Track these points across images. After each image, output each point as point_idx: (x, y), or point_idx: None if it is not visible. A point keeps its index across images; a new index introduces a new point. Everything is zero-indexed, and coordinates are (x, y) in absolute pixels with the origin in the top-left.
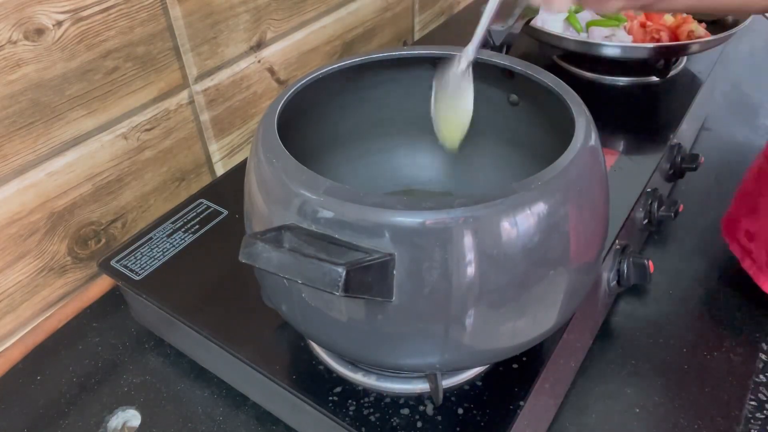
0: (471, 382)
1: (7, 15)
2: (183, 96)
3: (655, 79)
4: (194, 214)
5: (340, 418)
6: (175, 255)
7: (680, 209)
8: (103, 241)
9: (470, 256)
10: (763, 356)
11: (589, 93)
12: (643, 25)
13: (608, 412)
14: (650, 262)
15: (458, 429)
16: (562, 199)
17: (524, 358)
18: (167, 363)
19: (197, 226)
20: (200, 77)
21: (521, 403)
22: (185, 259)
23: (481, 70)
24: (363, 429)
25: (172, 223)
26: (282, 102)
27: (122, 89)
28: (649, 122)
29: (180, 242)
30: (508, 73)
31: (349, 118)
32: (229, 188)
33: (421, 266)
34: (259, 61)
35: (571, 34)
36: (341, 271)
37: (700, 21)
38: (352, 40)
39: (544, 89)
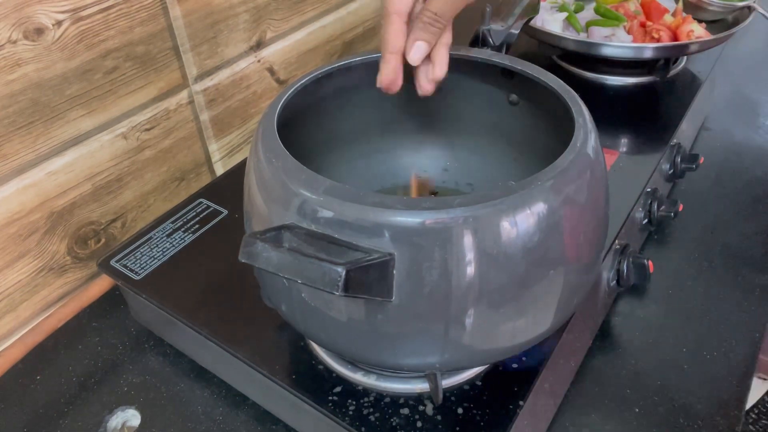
0: (471, 382)
1: (6, 14)
2: (183, 96)
3: (655, 79)
4: (194, 213)
5: (340, 417)
6: (175, 255)
7: (680, 209)
8: (103, 240)
9: (470, 255)
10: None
11: (589, 93)
12: (643, 25)
13: (608, 412)
14: (650, 263)
15: (458, 429)
16: (562, 199)
17: (524, 358)
18: (167, 363)
19: (197, 226)
20: (200, 77)
21: (521, 403)
22: (185, 259)
23: (481, 70)
24: (363, 429)
25: (172, 222)
26: (282, 102)
27: (122, 89)
28: (649, 122)
29: (180, 242)
30: (508, 73)
31: (349, 118)
32: (228, 188)
33: (421, 266)
34: (258, 61)
35: (571, 34)
36: (341, 271)
37: (700, 21)
38: (352, 40)
39: (544, 89)
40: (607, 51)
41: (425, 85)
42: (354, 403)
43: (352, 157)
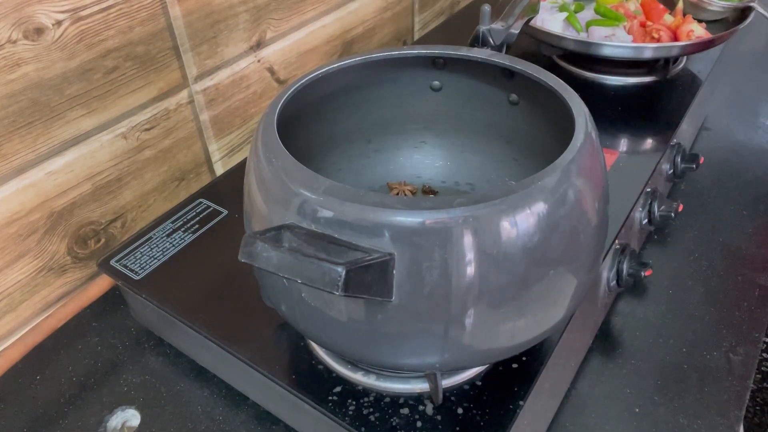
0: (471, 382)
1: (6, 14)
2: (183, 95)
3: (655, 79)
4: (194, 213)
5: (340, 417)
6: (175, 255)
7: (680, 209)
8: (103, 240)
9: (470, 255)
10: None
11: (589, 93)
12: (643, 25)
13: (608, 412)
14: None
15: (458, 429)
16: (562, 198)
17: (524, 358)
18: (167, 363)
19: (197, 226)
20: (200, 77)
21: (521, 403)
22: (185, 259)
23: (481, 70)
24: (363, 429)
25: (172, 222)
26: (282, 101)
27: (122, 89)
28: (649, 122)
29: (180, 242)
30: (508, 73)
31: (349, 118)
32: (228, 188)
33: (421, 266)
34: (258, 61)
35: (571, 34)
36: (341, 270)
37: (700, 21)
38: (352, 40)
39: (544, 89)
40: (607, 51)
41: None
42: (354, 403)
43: (352, 157)
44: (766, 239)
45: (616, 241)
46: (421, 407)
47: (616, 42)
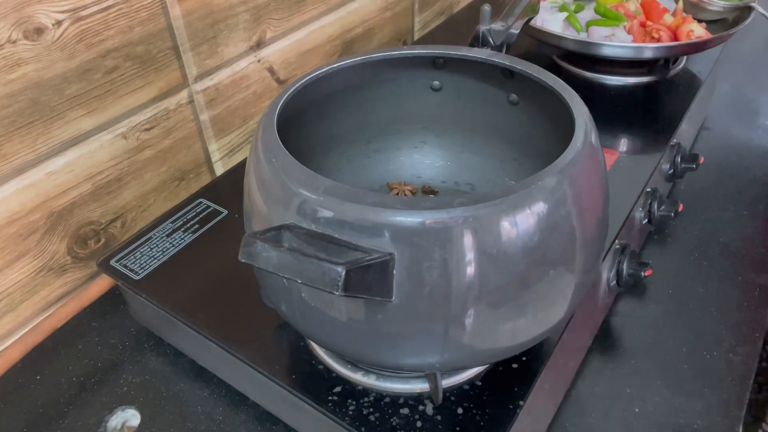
0: (471, 382)
1: (6, 14)
2: (183, 95)
3: (655, 79)
4: (194, 213)
5: (340, 417)
6: (175, 255)
7: (680, 209)
8: (103, 240)
9: (470, 255)
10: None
11: (589, 93)
12: (643, 25)
13: (608, 412)
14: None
15: (458, 429)
16: (562, 198)
17: (524, 358)
18: (167, 363)
19: (197, 226)
20: (200, 77)
21: (521, 403)
22: (185, 259)
23: (481, 69)
24: (362, 429)
25: (172, 222)
26: (282, 101)
27: (122, 89)
28: (649, 122)
29: (180, 242)
30: (508, 73)
31: (349, 118)
32: (228, 188)
33: (421, 266)
34: (258, 61)
35: (571, 34)
36: (341, 270)
37: (700, 21)
38: (352, 40)
39: (544, 89)
40: (607, 51)
41: None
42: (354, 403)
43: (352, 157)
44: (766, 239)
45: (616, 241)
46: (421, 407)
47: (616, 42)
